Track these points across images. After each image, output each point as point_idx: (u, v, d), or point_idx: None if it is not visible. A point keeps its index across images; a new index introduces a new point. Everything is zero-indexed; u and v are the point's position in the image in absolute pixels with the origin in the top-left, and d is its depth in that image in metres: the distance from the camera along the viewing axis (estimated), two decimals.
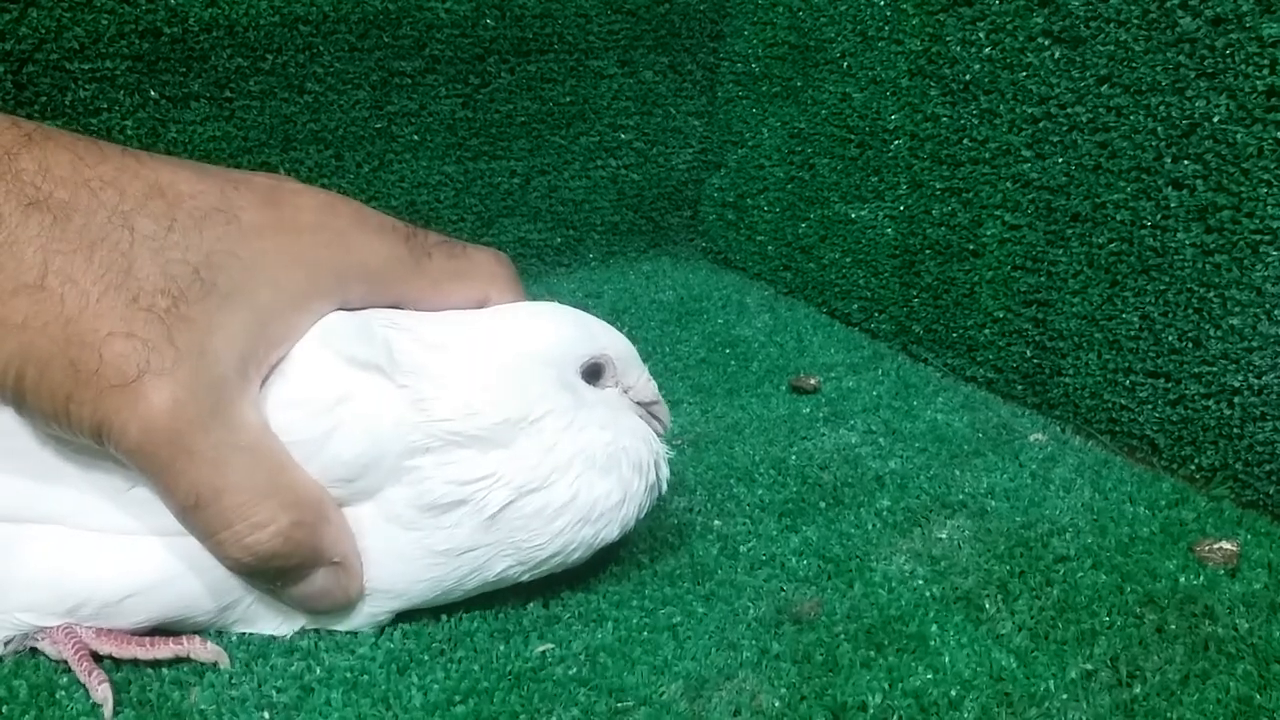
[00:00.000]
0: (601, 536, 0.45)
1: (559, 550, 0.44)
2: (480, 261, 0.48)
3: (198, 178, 0.41)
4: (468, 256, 0.47)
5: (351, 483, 0.41)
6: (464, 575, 0.43)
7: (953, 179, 0.68)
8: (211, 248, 0.40)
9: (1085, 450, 0.61)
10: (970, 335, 0.69)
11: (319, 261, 0.42)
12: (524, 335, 0.45)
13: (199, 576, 0.41)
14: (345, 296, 0.43)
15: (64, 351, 0.37)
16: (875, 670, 0.42)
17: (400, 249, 0.45)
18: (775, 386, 0.69)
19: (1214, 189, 0.54)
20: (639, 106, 0.88)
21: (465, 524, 0.42)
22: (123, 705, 0.39)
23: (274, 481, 0.39)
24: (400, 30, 0.76)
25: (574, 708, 0.40)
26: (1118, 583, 0.48)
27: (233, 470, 0.38)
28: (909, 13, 0.70)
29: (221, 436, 0.38)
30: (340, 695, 0.40)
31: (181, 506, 0.39)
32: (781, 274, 0.86)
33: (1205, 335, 0.55)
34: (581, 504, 0.43)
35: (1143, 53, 0.56)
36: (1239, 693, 0.41)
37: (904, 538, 0.52)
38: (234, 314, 0.39)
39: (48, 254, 0.37)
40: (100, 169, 0.39)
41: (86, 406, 0.37)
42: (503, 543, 0.43)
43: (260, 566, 0.40)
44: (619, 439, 0.45)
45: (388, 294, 0.45)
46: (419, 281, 0.46)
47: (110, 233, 0.38)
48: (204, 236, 0.40)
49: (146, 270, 0.38)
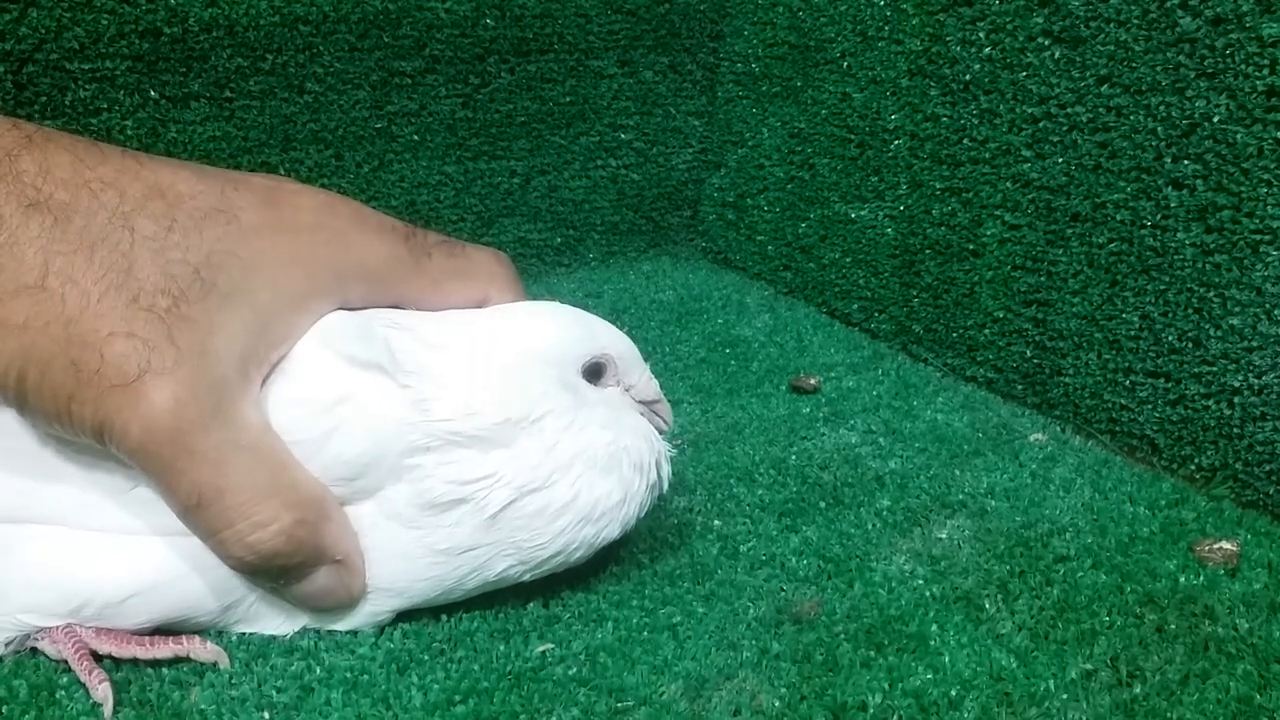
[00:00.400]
0: (603, 536, 0.45)
1: (561, 550, 0.44)
2: (480, 261, 0.48)
3: (197, 178, 0.41)
4: (467, 256, 0.47)
5: (353, 481, 0.41)
6: (465, 574, 0.43)
7: (953, 179, 0.68)
8: (211, 248, 0.40)
9: (1085, 450, 0.61)
10: (970, 335, 0.69)
11: (318, 261, 0.42)
12: (525, 335, 0.45)
13: (201, 576, 0.41)
14: (345, 296, 0.43)
15: (65, 352, 0.37)
16: (875, 670, 0.42)
17: (400, 248, 0.45)
18: (775, 386, 0.69)
19: (1214, 189, 0.54)
20: (639, 106, 0.88)
21: (466, 523, 0.42)
22: (123, 705, 0.39)
23: (276, 480, 0.39)
24: (400, 30, 0.76)
25: (574, 708, 0.40)
26: (1118, 583, 0.48)
27: (234, 469, 0.38)
28: (909, 13, 0.70)
29: (223, 436, 0.38)
30: (340, 695, 0.40)
31: (184, 506, 0.39)
32: (781, 274, 0.86)
33: (1205, 335, 0.55)
34: (583, 504, 0.43)
35: (1143, 53, 0.56)
36: (1239, 693, 0.41)
37: (904, 538, 0.52)
38: (234, 314, 0.39)
39: (48, 255, 0.37)
40: (100, 170, 0.39)
41: (88, 406, 0.37)
42: (504, 542, 0.43)
43: (263, 565, 0.40)
44: (620, 438, 0.45)
45: (388, 294, 0.45)
46: (419, 281, 0.46)
47: (111, 233, 0.38)
48: (204, 237, 0.40)
49: (147, 271, 0.38)
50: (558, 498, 0.43)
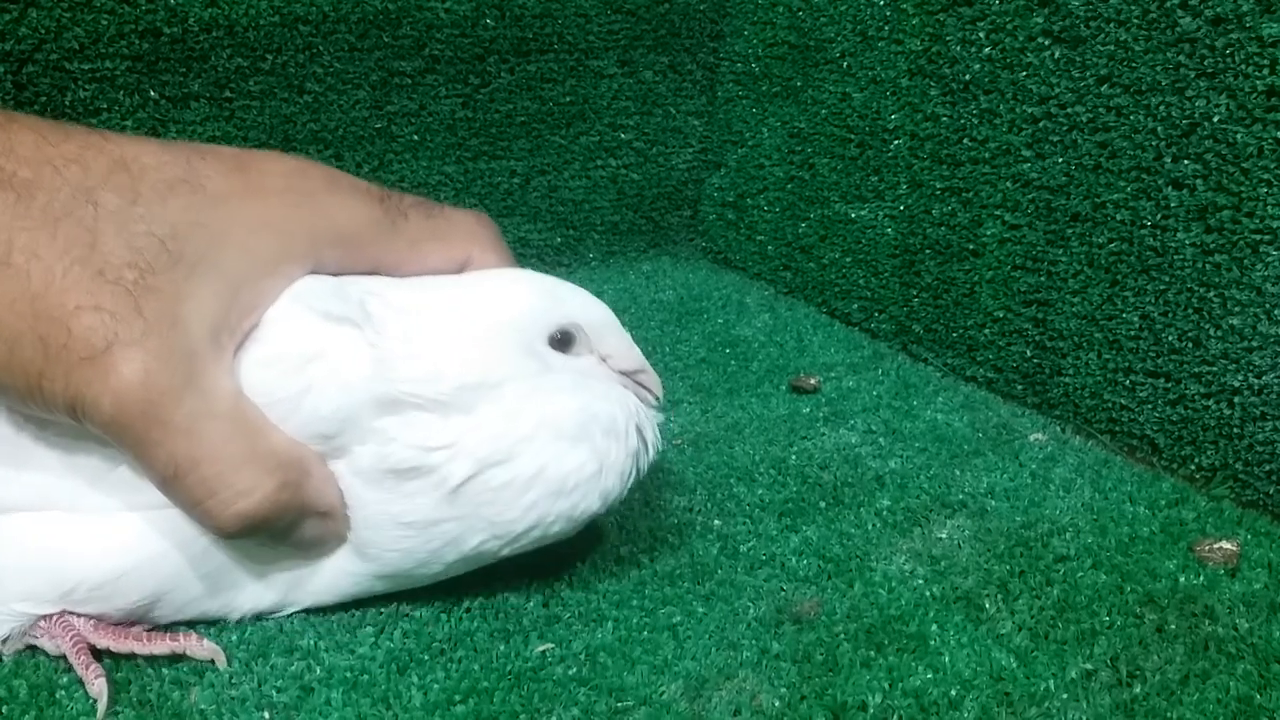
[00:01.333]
0: (581, 509, 0.43)
1: (535, 524, 0.43)
2: (459, 221, 0.47)
3: (162, 150, 0.41)
4: (446, 217, 0.47)
5: (330, 440, 0.41)
6: (438, 548, 0.43)
7: (953, 179, 0.68)
8: (177, 218, 0.39)
9: (1085, 450, 0.61)
10: (970, 335, 0.69)
11: (289, 225, 0.42)
12: (490, 302, 0.44)
13: (188, 550, 0.41)
14: (319, 260, 0.43)
15: (33, 328, 0.37)
16: (875, 670, 0.42)
17: (375, 210, 0.44)
18: (775, 386, 0.69)
19: (1214, 189, 0.54)
20: (639, 106, 0.88)
21: (428, 495, 0.41)
22: (122, 705, 0.39)
23: (253, 446, 0.39)
24: (400, 30, 0.76)
25: (574, 708, 0.40)
26: (1118, 583, 0.48)
27: (210, 438, 0.38)
28: (909, 13, 0.70)
29: (196, 405, 0.38)
30: (340, 695, 0.40)
31: (162, 478, 0.38)
32: (781, 274, 0.86)
33: (1205, 335, 0.55)
34: (552, 476, 0.42)
35: (1143, 53, 0.56)
36: (1239, 693, 0.41)
37: (904, 538, 0.52)
38: (203, 283, 0.39)
39: (12, 231, 0.37)
40: (64, 147, 0.39)
41: (59, 382, 0.37)
42: (472, 516, 0.42)
43: (248, 531, 0.40)
44: (589, 405, 0.44)
45: (363, 257, 0.44)
46: (396, 243, 0.45)
47: (75, 208, 0.38)
48: (169, 207, 0.39)
49: (112, 244, 0.38)
50: (523, 470, 0.42)
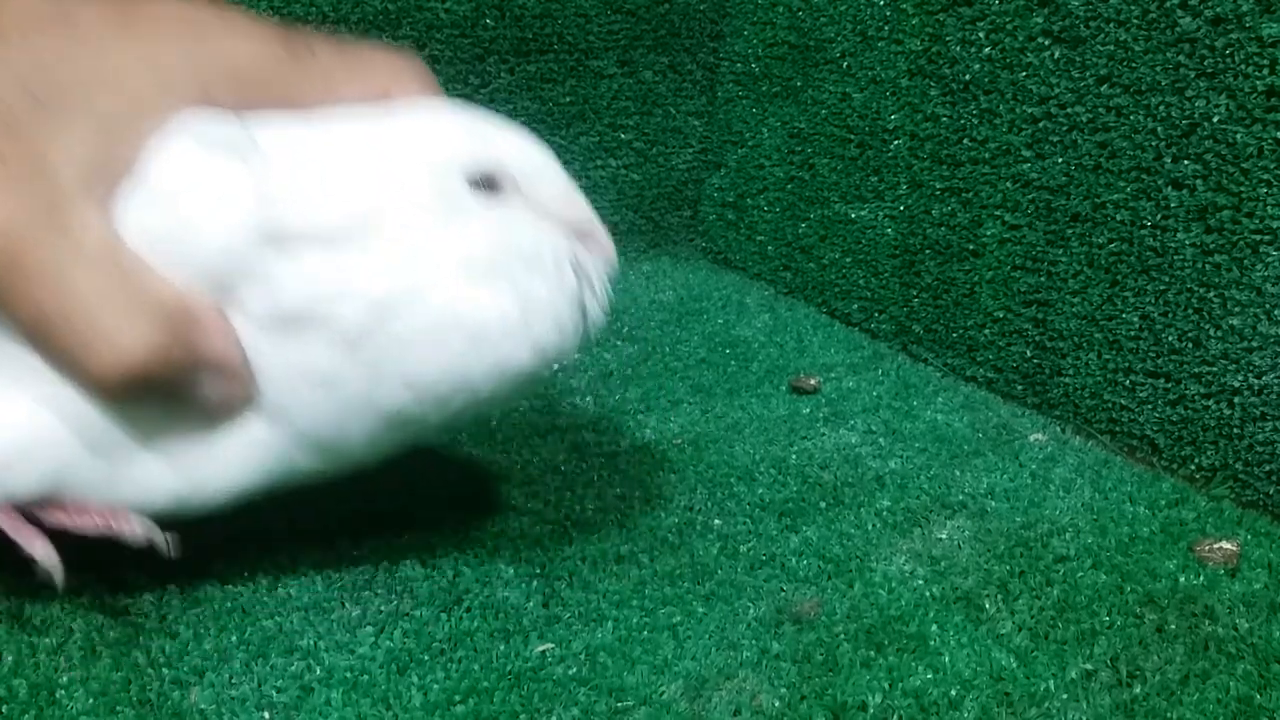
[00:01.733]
0: (512, 362, 0.40)
1: (457, 380, 0.39)
2: (379, 58, 0.43)
3: None
4: (362, 52, 0.43)
5: (221, 284, 0.38)
6: (351, 410, 0.39)
7: (953, 179, 0.68)
8: (42, 59, 0.37)
9: (1085, 450, 0.61)
10: (970, 335, 0.69)
11: (171, 62, 0.39)
12: (399, 134, 0.41)
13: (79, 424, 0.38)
14: (207, 98, 0.40)
15: None
16: (875, 670, 0.42)
17: (274, 46, 0.41)
18: (775, 386, 0.69)
19: (1214, 189, 0.54)
20: (639, 106, 0.88)
21: (327, 345, 0.38)
22: (122, 705, 0.39)
23: (130, 294, 0.36)
24: (400, 30, 0.76)
25: (574, 708, 0.40)
26: (1118, 583, 0.48)
27: (80, 286, 0.36)
28: (909, 13, 0.70)
29: (63, 252, 0.35)
30: (340, 695, 0.40)
31: (31, 332, 0.36)
32: (781, 274, 0.86)
33: (1205, 335, 0.55)
34: (467, 322, 0.39)
35: (1143, 53, 0.56)
36: (1239, 693, 0.41)
37: (904, 538, 0.52)
38: (71, 125, 0.37)
39: None
40: None
41: None
42: (381, 372, 0.39)
43: (133, 387, 0.37)
44: (510, 242, 0.40)
45: (265, 95, 0.41)
46: (303, 80, 0.41)
47: None
48: (34, 47, 0.37)
49: None
50: (429, 315, 0.39)
